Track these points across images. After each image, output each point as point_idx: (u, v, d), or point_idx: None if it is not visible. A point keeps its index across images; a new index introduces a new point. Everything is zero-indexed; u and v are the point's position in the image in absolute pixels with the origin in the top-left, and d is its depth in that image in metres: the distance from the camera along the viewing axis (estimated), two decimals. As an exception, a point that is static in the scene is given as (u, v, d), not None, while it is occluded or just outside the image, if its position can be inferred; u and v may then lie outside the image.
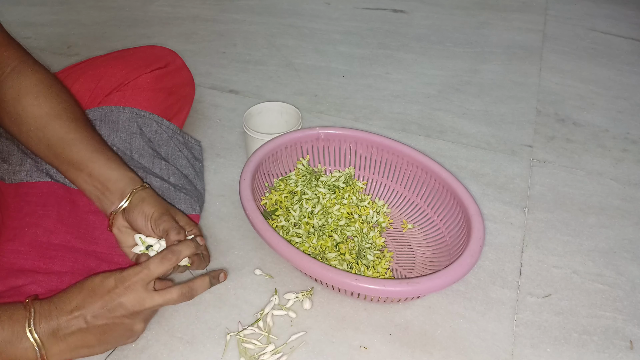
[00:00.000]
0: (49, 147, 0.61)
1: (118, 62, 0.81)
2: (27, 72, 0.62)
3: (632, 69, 1.26)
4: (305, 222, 0.73)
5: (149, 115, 0.78)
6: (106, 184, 0.61)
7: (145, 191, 0.62)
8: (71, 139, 0.61)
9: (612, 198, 0.87)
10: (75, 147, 0.61)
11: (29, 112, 0.61)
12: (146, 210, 0.60)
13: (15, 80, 0.61)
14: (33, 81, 0.62)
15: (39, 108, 0.61)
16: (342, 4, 1.58)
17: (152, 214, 0.60)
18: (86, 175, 0.61)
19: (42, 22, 1.44)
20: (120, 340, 0.55)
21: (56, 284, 0.60)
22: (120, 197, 0.61)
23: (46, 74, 0.64)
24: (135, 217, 0.60)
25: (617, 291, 0.71)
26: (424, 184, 0.77)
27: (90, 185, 0.62)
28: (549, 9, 1.57)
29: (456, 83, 1.19)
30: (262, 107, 0.89)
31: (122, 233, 0.63)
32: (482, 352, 0.62)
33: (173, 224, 0.59)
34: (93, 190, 0.62)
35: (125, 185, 0.61)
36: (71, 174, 0.62)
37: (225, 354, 0.60)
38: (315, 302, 0.67)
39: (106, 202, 0.62)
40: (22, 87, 0.61)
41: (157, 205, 0.61)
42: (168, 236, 0.58)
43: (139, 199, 0.61)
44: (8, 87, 0.61)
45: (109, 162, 0.62)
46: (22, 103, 0.61)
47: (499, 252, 0.76)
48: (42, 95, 0.62)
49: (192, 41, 1.34)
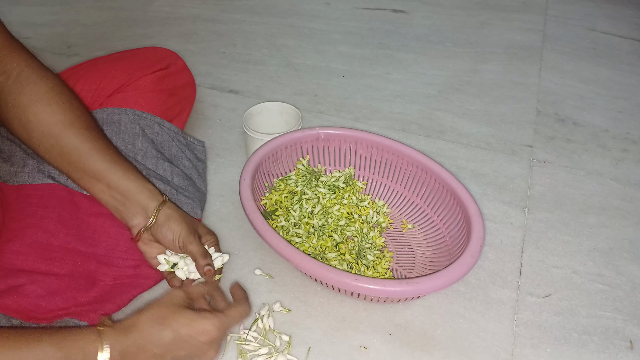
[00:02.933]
0: (61, 154, 0.62)
1: (119, 63, 0.81)
2: (35, 78, 0.62)
3: (632, 69, 1.26)
4: (305, 222, 0.73)
5: (151, 117, 0.78)
6: (126, 195, 0.63)
7: (169, 207, 0.64)
8: (87, 148, 0.62)
9: (612, 198, 0.87)
10: (92, 157, 0.62)
11: (41, 119, 0.61)
12: (174, 229, 0.62)
13: (24, 86, 0.61)
14: (44, 88, 0.61)
15: (52, 116, 0.61)
16: (342, 4, 1.58)
17: (179, 233, 0.62)
18: (104, 185, 0.63)
19: (42, 22, 1.44)
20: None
21: (55, 285, 0.60)
22: (143, 211, 0.63)
23: (56, 80, 0.63)
24: (164, 235, 0.63)
25: (617, 291, 0.71)
26: (424, 184, 0.77)
27: (108, 195, 0.63)
28: (549, 9, 1.57)
29: (456, 83, 1.19)
30: (262, 107, 0.89)
31: (147, 245, 0.65)
32: (482, 352, 0.62)
33: (200, 249, 0.62)
34: (111, 200, 0.64)
35: (146, 199, 0.63)
36: (85, 183, 0.63)
37: (225, 354, 0.60)
38: (315, 302, 0.67)
39: (127, 213, 0.64)
40: (33, 94, 0.61)
41: (183, 223, 0.63)
42: (197, 262, 0.62)
43: (164, 216, 0.63)
44: (18, 93, 0.61)
45: (127, 173, 0.63)
46: (34, 110, 0.60)
47: (499, 252, 0.76)
48: (54, 102, 0.61)
49: (192, 41, 1.34)
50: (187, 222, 0.64)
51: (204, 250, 0.62)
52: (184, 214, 0.65)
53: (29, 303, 0.57)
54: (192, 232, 0.63)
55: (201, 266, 0.61)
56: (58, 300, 0.59)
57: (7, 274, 0.59)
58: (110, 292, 0.63)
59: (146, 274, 0.66)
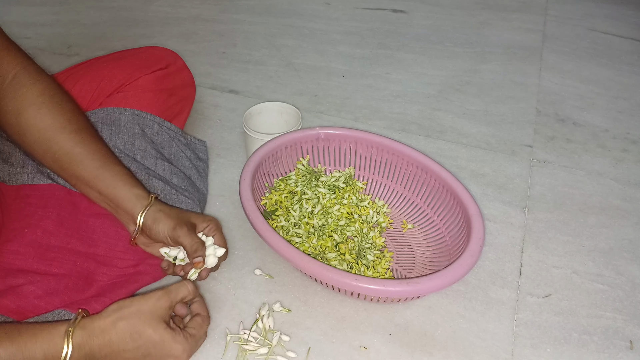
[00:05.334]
0: (55, 160, 0.62)
1: (119, 63, 0.81)
2: (28, 83, 0.61)
3: (632, 69, 1.26)
4: (305, 222, 0.73)
5: (150, 116, 0.78)
6: (115, 202, 0.63)
7: (154, 207, 0.63)
8: (77, 153, 0.61)
9: (612, 198, 0.87)
10: (82, 164, 0.62)
11: (32, 124, 0.60)
12: (161, 229, 0.62)
13: (17, 91, 0.60)
14: (35, 92, 0.61)
15: (42, 121, 0.61)
16: (342, 4, 1.58)
17: (166, 232, 0.62)
18: (96, 192, 0.63)
19: (42, 22, 1.44)
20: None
21: (54, 285, 0.60)
22: (132, 219, 0.63)
23: (48, 84, 0.63)
24: (156, 235, 0.63)
25: (617, 291, 0.71)
26: (424, 184, 0.77)
27: (102, 202, 0.64)
28: (549, 9, 1.57)
29: (456, 83, 1.19)
30: (262, 107, 0.89)
31: (150, 247, 0.67)
32: (482, 352, 0.62)
33: (189, 241, 0.62)
34: (106, 206, 0.65)
35: (133, 207, 0.63)
36: (81, 188, 0.64)
37: (225, 354, 0.60)
38: (315, 302, 0.67)
39: (122, 219, 0.65)
40: (25, 99, 0.60)
41: (169, 220, 0.63)
42: (188, 253, 0.63)
43: (151, 219, 0.63)
44: (10, 99, 0.60)
45: (115, 179, 0.63)
46: (25, 115, 0.60)
47: (499, 252, 0.76)
48: (44, 107, 0.61)
49: (192, 41, 1.34)
50: (174, 216, 0.63)
51: (193, 242, 0.62)
52: (171, 210, 0.64)
53: (27, 303, 0.57)
54: (181, 226, 0.62)
55: (191, 257, 0.62)
56: (56, 301, 0.59)
57: (6, 274, 0.59)
58: (107, 288, 0.63)
59: (145, 271, 0.66)
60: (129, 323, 0.51)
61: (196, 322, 0.57)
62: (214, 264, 0.64)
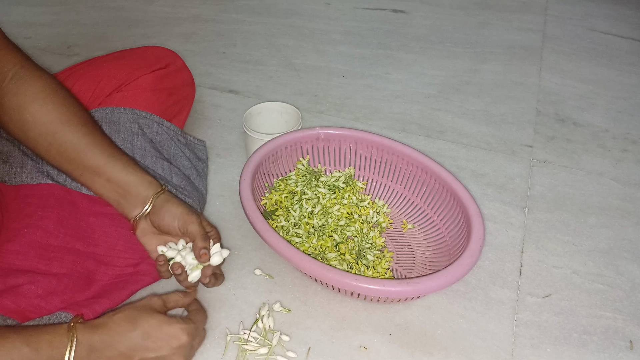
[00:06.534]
0: (60, 152, 0.61)
1: (118, 62, 0.81)
2: (30, 79, 0.61)
3: (632, 69, 1.26)
4: (305, 222, 0.73)
5: (150, 116, 0.78)
6: (126, 187, 0.63)
7: (166, 194, 0.64)
8: (85, 143, 0.62)
9: (612, 198, 0.87)
10: (91, 153, 0.62)
11: (37, 118, 0.61)
12: (173, 210, 0.62)
13: (19, 87, 0.61)
14: (38, 88, 0.61)
15: (48, 114, 0.61)
16: (342, 4, 1.58)
17: (179, 212, 0.62)
18: (104, 180, 0.63)
19: (42, 22, 1.44)
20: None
21: (54, 285, 0.60)
22: (143, 201, 0.63)
23: (50, 80, 0.63)
24: (162, 217, 0.62)
25: (617, 291, 0.71)
26: (424, 184, 0.77)
27: (109, 190, 0.63)
28: (549, 9, 1.57)
29: (456, 83, 1.19)
30: (262, 107, 0.89)
31: (147, 237, 0.65)
32: (482, 352, 0.62)
33: (200, 230, 0.61)
34: (112, 194, 0.64)
35: (146, 189, 0.63)
36: (86, 179, 0.63)
37: (225, 354, 0.60)
38: (315, 302, 0.67)
39: (127, 206, 0.64)
40: (28, 94, 0.61)
41: (183, 205, 0.63)
42: (195, 243, 0.61)
43: (163, 200, 0.63)
44: (13, 95, 0.60)
45: (127, 166, 0.63)
46: (29, 110, 0.60)
47: (499, 252, 0.76)
48: (49, 101, 0.61)
49: (192, 41, 1.34)
50: (186, 205, 0.64)
51: (204, 232, 0.62)
52: (184, 201, 0.65)
53: (27, 303, 0.57)
54: (194, 213, 0.63)
55: (198, 248, 0.61)
56: (56, 300, 0.59)
57: (6, 274, 0.59)
58: (108, 288, 0.63)
59: (145, 271, 0.66)
60: (125, 313, 0.53)
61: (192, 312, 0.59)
62: (218, 262, 0.63)
